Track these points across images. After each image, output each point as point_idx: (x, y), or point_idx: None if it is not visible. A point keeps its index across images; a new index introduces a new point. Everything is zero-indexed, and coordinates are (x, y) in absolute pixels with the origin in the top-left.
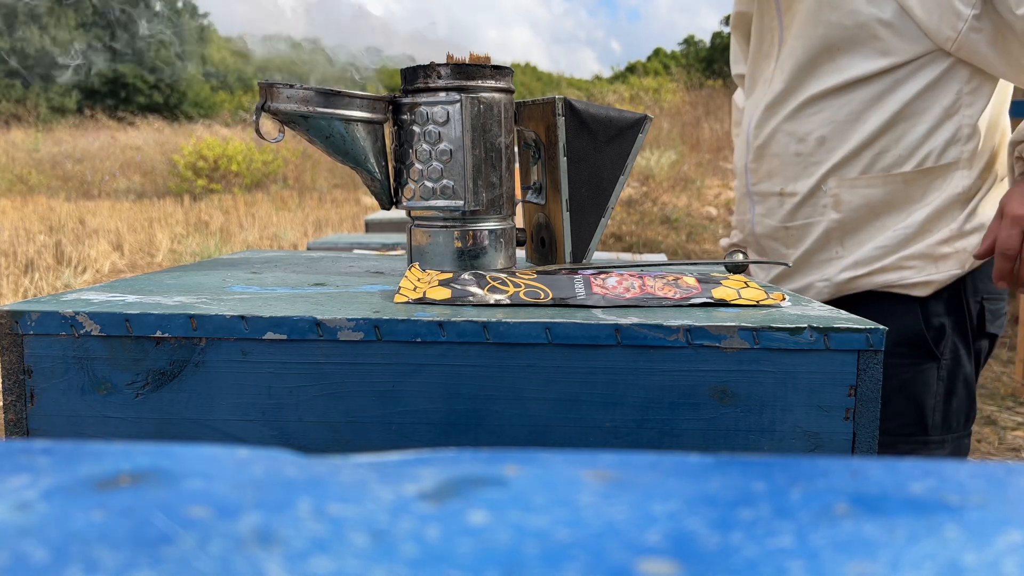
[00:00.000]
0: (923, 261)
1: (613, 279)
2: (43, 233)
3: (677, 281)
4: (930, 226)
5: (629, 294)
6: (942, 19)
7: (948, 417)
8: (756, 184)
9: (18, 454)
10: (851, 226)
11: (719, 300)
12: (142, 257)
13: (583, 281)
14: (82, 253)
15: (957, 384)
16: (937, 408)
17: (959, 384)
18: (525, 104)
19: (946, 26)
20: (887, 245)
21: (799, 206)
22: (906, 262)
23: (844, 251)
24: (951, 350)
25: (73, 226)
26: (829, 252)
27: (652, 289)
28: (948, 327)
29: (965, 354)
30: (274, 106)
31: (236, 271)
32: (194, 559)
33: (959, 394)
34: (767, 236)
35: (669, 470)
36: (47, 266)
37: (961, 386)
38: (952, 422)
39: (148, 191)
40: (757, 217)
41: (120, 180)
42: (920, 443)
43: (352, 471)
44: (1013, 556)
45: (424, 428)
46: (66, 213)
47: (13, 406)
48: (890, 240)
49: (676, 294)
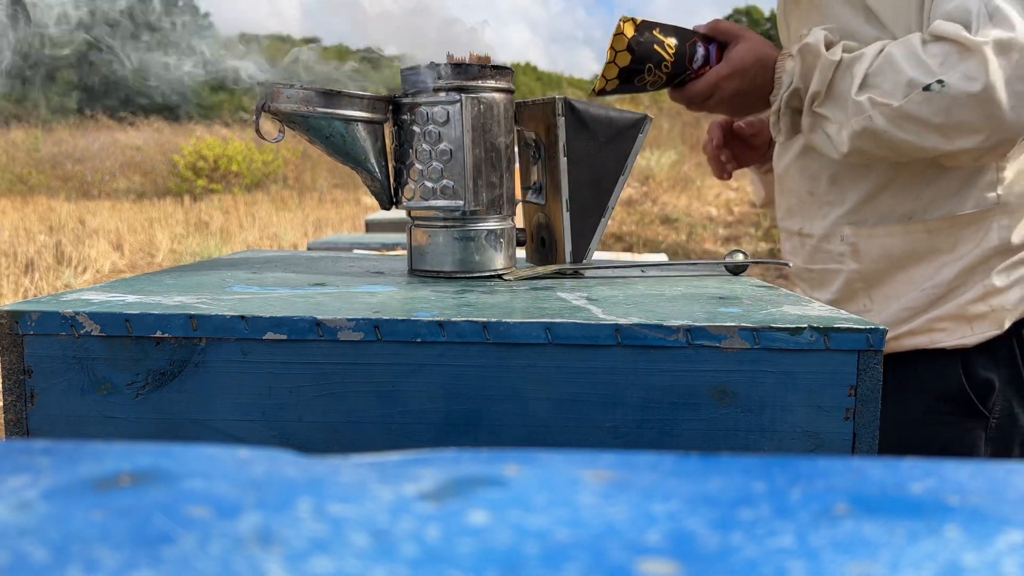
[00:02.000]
0: (955, 323)
1: None
2: (43, 233)
3: None
4: (961, 282)
5: None
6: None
7: None
8: (781, 220)
9: (18, 454)
10: (874, 279)
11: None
12: (142, 257)
13: None
14: (82, 253)
15: (1012, 445)
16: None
17: (1015, 445)
18: (525, 104)
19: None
20: (914, 307)
21: (816, 249)
22: (936, 324)
23: (873, 305)
24: (1003, 406)
25: (73, 226)
26: (858, 304)
27: None
28: (998, 381)
29: (1021, 411)
30: (274, 106)
31: (236, 271)
32: (194, 559)
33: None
34: (796, 276)
35: (669, 470)
36: (47, 266)
37: (1018, 447)
38: None
39: (148, 191)
40: (787, 254)
41: (120, 180)
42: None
43: (352, 471)
44: (1013, 556)
45: (424, 428)
46: (66, 213)
47: (13, 406)
48: (918, 301)
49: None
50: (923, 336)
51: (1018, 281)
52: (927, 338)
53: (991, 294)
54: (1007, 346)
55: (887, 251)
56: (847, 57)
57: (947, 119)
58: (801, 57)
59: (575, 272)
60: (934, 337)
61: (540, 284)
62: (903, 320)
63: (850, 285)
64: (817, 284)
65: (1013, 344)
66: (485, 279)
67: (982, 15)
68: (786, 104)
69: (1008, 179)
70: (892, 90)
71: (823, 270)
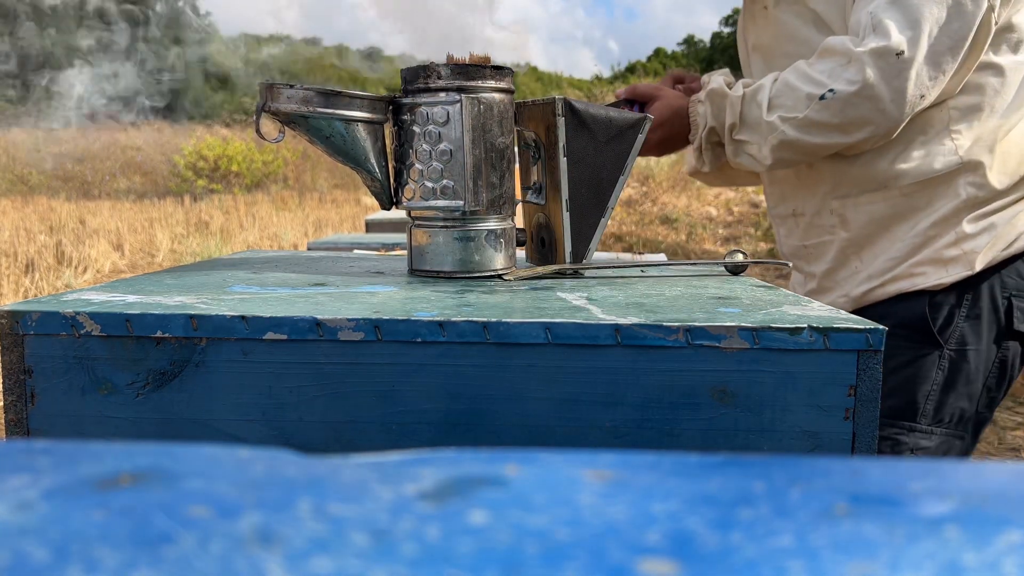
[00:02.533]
0: (932, 266)
1: None
2: (44, 233)
3: None
4: (936, 232)
5: None
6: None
7: (941, 409)
8: (774, 207)
9: (18, 454)
10: (863, 242)
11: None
12: (142, 257)
13: None
14: (82, 253)
15: (959, 377)
16: (931, 396)
17: (960, 378)
18: (525, 104)
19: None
20: (897, 256)
21: (810, 225)
22: (915, 268)
23: (862, 265)
24: (958, 340)
25: (74, 226)
26: (849, 268)
27: None
28: (958, 316)
29: (975, 349)
30: (274, 106)
31: (236, 271)
32: (194, 559)
33: (959, 389)
34: (792, 255)
35: (669, 470)
36: (47, 266)
37: (963, 381)
38: (944, 416)
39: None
40: (782, 238)
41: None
42: (906, 429)
43: (352, 471)
44: (1013, 556)
45: (424, 428)
46: (66, 213)
47: (13, 406)
48: (900, 251)
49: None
50: (905, 281)
51: (987, 228)
52: (908, 282)
53: (963, 239)
54: (976, 287)
55: (872, 216)
56: (748, 91)
57: (843, 118)
58: (710, 100)
59: (575, 272)
60: (915, 281)
61: (540, 284)
62: (887, 269)
63: (843, 252)
64: (813, 258)
65: (982, 286)
66: (485, 279)
67: (867, 27)
68: (706, 140)
69: (966, 145)
70: (795, 105)
71: (818, 243)
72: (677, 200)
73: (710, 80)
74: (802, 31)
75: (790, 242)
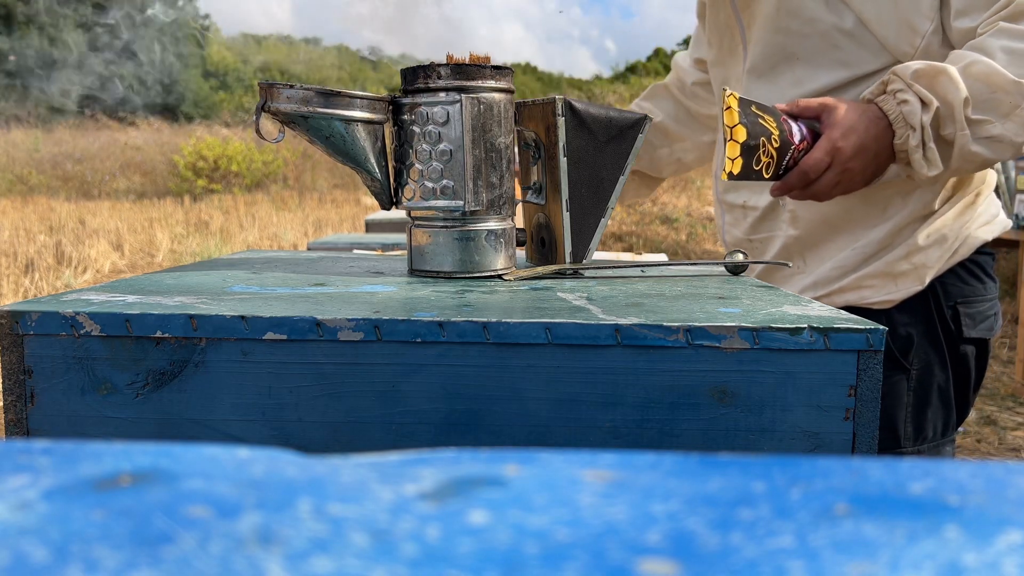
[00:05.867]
0: (881, 280)
1: None
2: (43, 233)
3: None
4: (888, 243)
5: None
6: (899, 35)
7: (922, 427)
8: (724, 193)
9: (18, 454)
10: (810, 241)
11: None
12: (142, 257)
13: None
14: (82, 253)
15: (931, 394)
16: (909, 419)
17: (932, 393)
18: (525, 104)
19: (904, 42)
20: (845, 265)
21: (760, 220)
22: (864, 281)
23: (807, 265)
24: (921, 360)
25: (73, 226)
26: (792, 267)
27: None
28: (916, 336)
29: (938, 363)
30: (274, 106)
31: (236, 271)
32: (194, 559)
33: (933, 404)
34: (735, 246)
35: (669, 470)
36: (47, 266)
37: (936, 395)
38: (927, 431)
39: (148, 191)
40: (727, 226)
41: (120, 180)
42: (893, 455)
43: (352, 471)
44: (1013, 556)
45: (424, 428)
46: (66, 213)
47: (13, 406)
48: (848, 260)
49: None
50: (852, 293)
51: (937, 241)
52: (856, 295)
53: (914, 252)
54: (925, 303)
55: (825, 217)
56: (960, 65)
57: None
58: (926, 79)
59: (575, 272)
60: (863, 294)
61: (540, 284)
62: (835, 279)
63: (786, 248)
64: (757, 254)
65: (929, 301)
66: (485, 279)
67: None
68: (931, 129)
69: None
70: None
71: (765, 238)
72: (677, 200)
73: (894, 69)
74: (812, 8)
75: (734, 232)
